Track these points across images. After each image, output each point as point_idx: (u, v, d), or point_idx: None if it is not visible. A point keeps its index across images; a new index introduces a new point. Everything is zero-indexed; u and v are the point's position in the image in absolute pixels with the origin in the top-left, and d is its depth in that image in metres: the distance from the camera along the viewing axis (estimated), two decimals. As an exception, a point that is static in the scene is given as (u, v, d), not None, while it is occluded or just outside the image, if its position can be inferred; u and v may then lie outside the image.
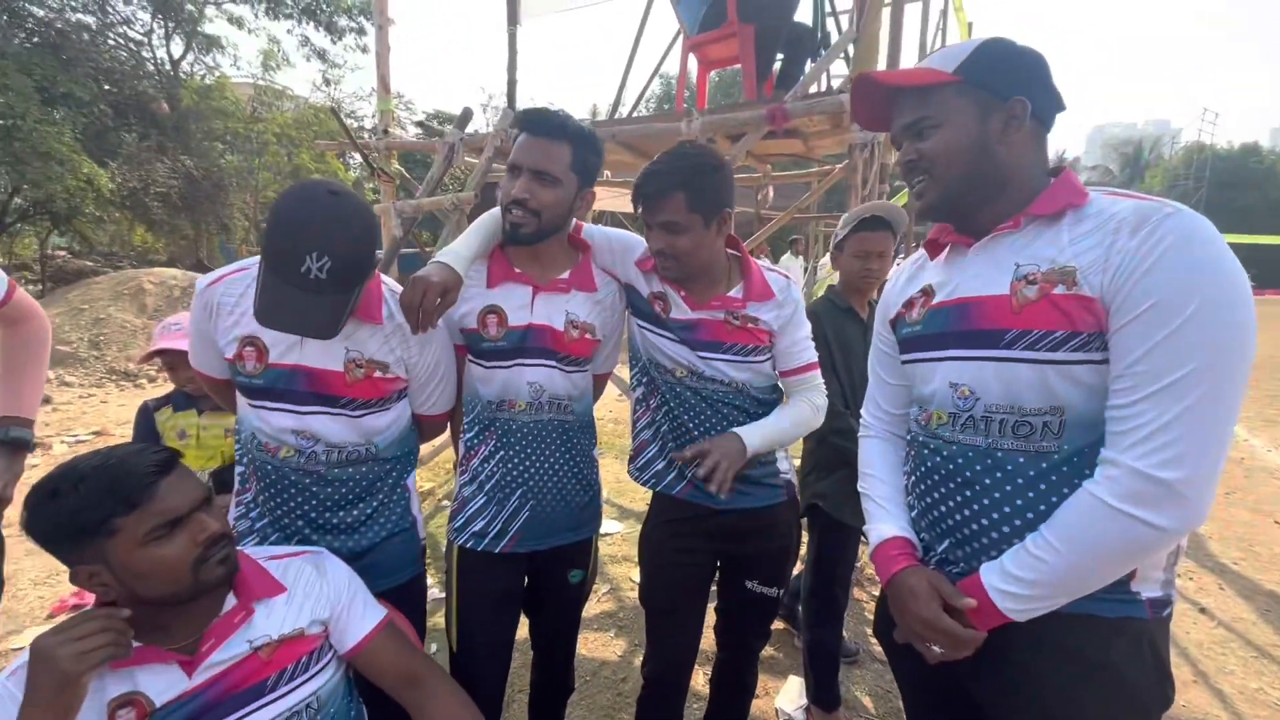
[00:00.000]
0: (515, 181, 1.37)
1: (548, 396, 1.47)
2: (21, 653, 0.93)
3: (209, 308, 1.29)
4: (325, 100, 18.27)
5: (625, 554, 3.40)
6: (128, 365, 7.65)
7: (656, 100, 23.06)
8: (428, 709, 1.21)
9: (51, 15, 13.03)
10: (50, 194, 11.72)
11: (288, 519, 1.34)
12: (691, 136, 3.17)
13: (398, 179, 4.13)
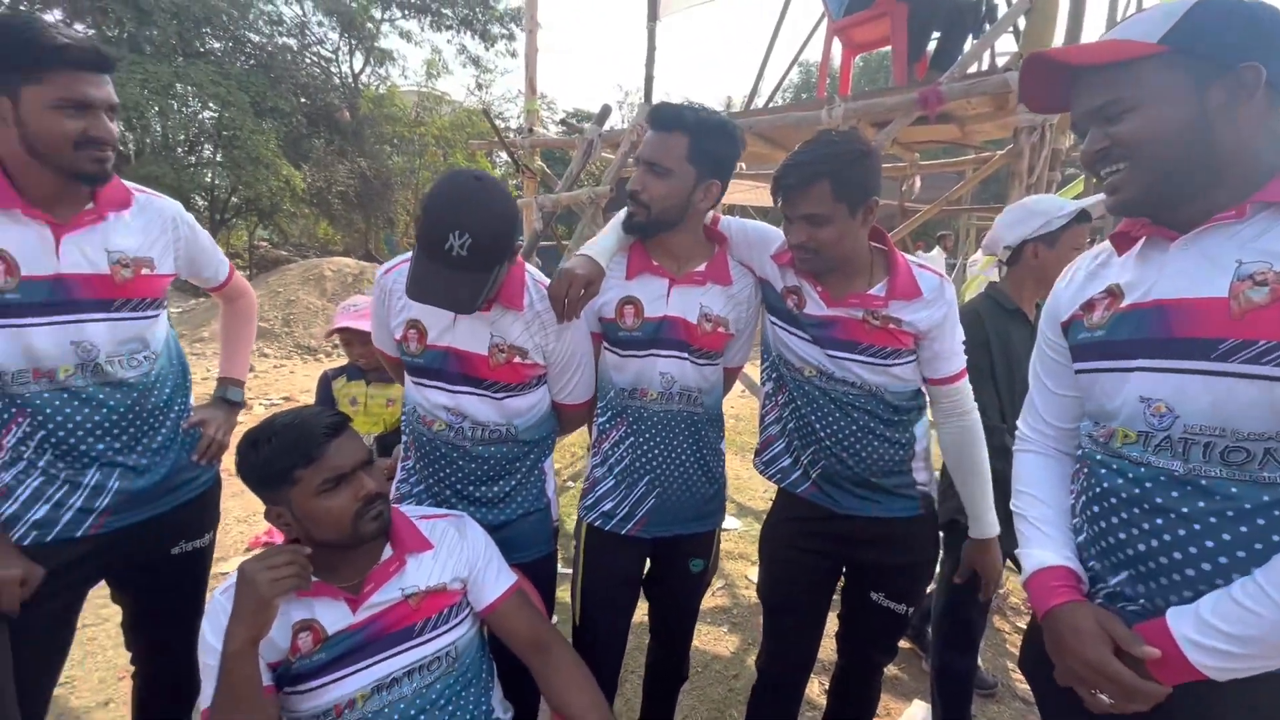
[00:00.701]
0: (636, 172, 1.42)
1: (678, 388, 1.48)
2: (227, 576, 1.11)
3: (384, 293, 1.44)
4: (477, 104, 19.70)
5: (742, 551, 3.37)
6: (311, 341, 8.82)
7: (794, 90, 22.33)
8: (551, 674, 1.28)
9: (264, 40, 15.26)
10: (258, 193, 13.79)
11: (438, 487, 1.47)
12: (833, 125, 3.03)
13: (539, 175, 4.36)
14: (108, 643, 2.40)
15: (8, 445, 1.21)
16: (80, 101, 1.16)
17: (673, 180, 1.39)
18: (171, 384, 1.43)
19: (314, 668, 1.11)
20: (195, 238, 1.50)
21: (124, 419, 1.32)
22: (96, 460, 1.29)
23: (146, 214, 1.38)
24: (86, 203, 1.27)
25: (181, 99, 12.94)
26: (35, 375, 1.21)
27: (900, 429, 1.43)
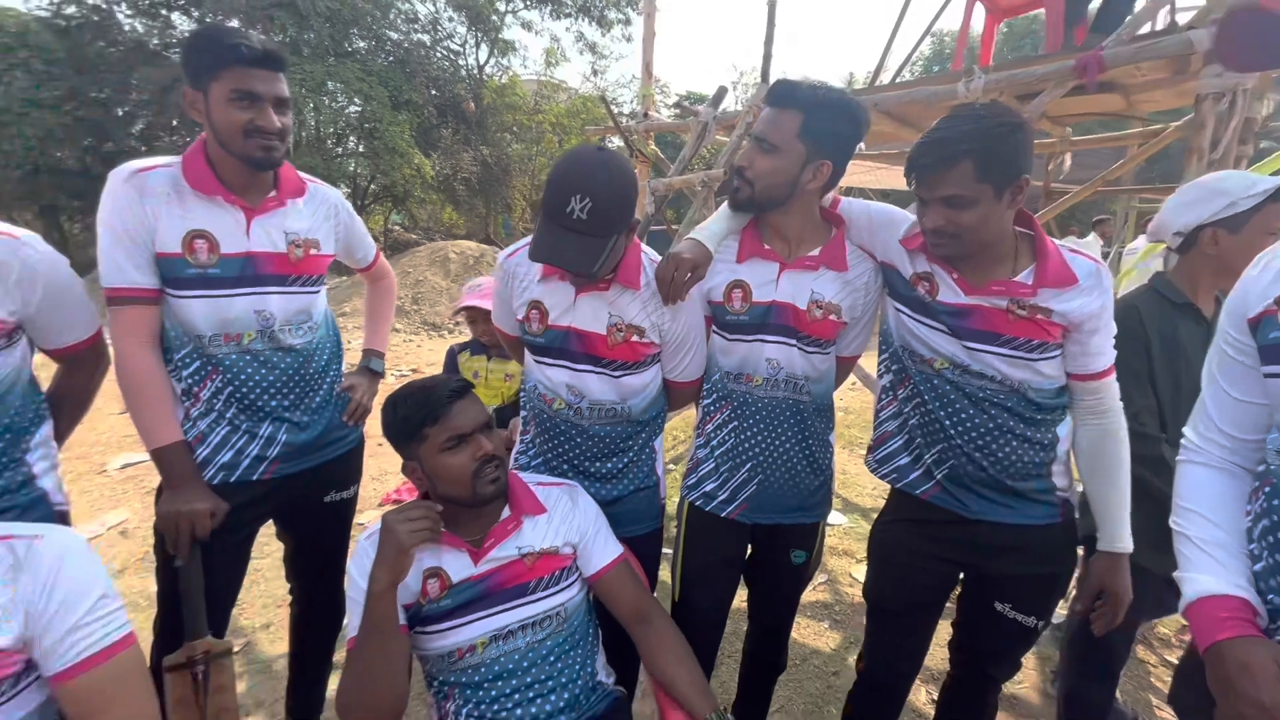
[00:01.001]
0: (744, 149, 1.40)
1: (785, 375, 1.45)
2: (365, 527, 1.24)
3: (507, 276, 1.52)
4: (592, 90, 20.09)
5: (847, 548, 3.25)
6: (436, 318, 9.50)
7: (925, 64, 20.75)
8: (653, 644, 1.32)
9: (401, 37, 16.41)
10: (393, 181, 14.95)
11: (555, 461, 1.55)
12: (971, 99, 2.79)
13: (652, 160, 4.39)
14: (271, 575, 2.76)
15: (204, 398, 1.42)
16: (248, 93, 1.32)
17: (779, 158, 1.35)
18: (328, 352, 1.60)
19: (440, 612, 1.22)
20: (352, 223, 1.68)
21: (292, 380, 1.50)
22: (270, 415, 1.48)
23: (315, 201, 1.55)
24: (270, 190, 1.45)
25: (331, 95, 14.25)
26: (226, 339, 1.41)
27: (1042, 429, 1.32)
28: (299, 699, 1.84)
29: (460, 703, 1.22)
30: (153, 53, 13.63)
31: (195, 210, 1.36)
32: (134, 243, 1.32)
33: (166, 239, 1.34)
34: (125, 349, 1.35)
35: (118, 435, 4.53)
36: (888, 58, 4.61)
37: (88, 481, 3.80)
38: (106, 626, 0.97)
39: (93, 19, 13.66)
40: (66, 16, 13.47)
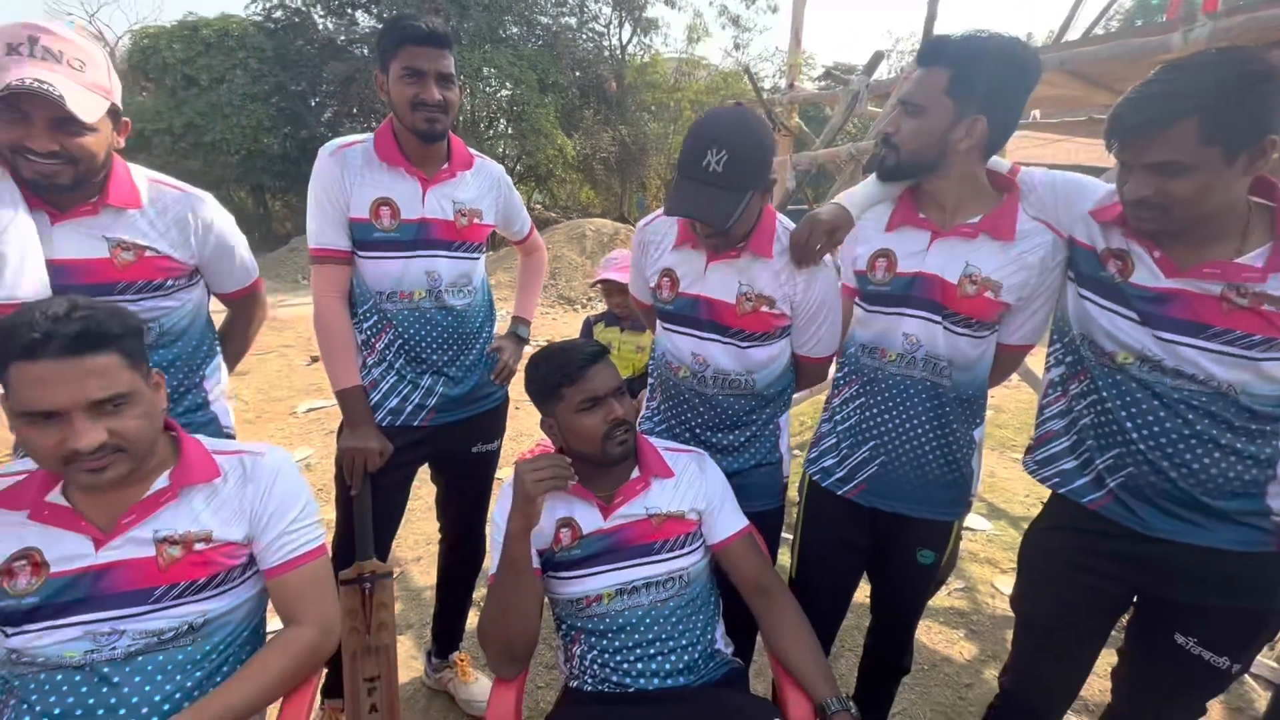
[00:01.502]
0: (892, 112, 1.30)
1: (924, 353, 1.34)
2: (504, 480, 1.33)
3: (643, 244, 1.56)
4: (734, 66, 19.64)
5: (990, 556, 2.99)
6: (571, 292, 9.94)
7: (1125, 19, 17.90)
8: (774, 619, 1.31)
9: (550, 21, 17.05)
10: (537, 161, 15.71)
11: (679, 429, 1.57)
12: (1189, 53, 2.36)
13: (796, 133, 4.22)
14: (423, 515, 3.08)
15: (378, 349, 1.60)
16: (414, 70, 1.43)
17: (925, 118, 1.24)
18: (482, 314, 1.74)
19: (571, 560, 1.29)
20: (511, 197, 1.79)
21: (451, 337, 1.64)
22: (431, 368, 1.63)
23: (481, 174, 1.68)
24: (443, 163, 1.59)
25: (486, 80, 15.21)
26: (401, 296, 1.57)
27: (1258, 440, 1.10)
28: (443, 626, 2.04)
29: (586, 648, 1.29)
30: (339, 48, 15.36)
31: (382, 180, 1.52)
32: (334, 209, 1.51)
33: (358, 205, 1.51)
34: (322, 302, 1.55)
35: (305, 384, 5.26)
36: (1079, 10, 4.03)
37: (281, 422, 4.46)
38: (308, 534, 1.17)
39: (294, 20, 15.63)
40: (275, 20, 15.53)
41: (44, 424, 0.93)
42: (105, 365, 0.96)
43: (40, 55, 1.11)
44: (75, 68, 1.14)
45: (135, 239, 1.27)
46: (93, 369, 0.94)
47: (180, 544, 1.06)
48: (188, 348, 1.41)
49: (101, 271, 1.24)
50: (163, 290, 1.33)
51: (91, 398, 0.94)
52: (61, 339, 0.92)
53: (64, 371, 0.92)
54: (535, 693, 2.03)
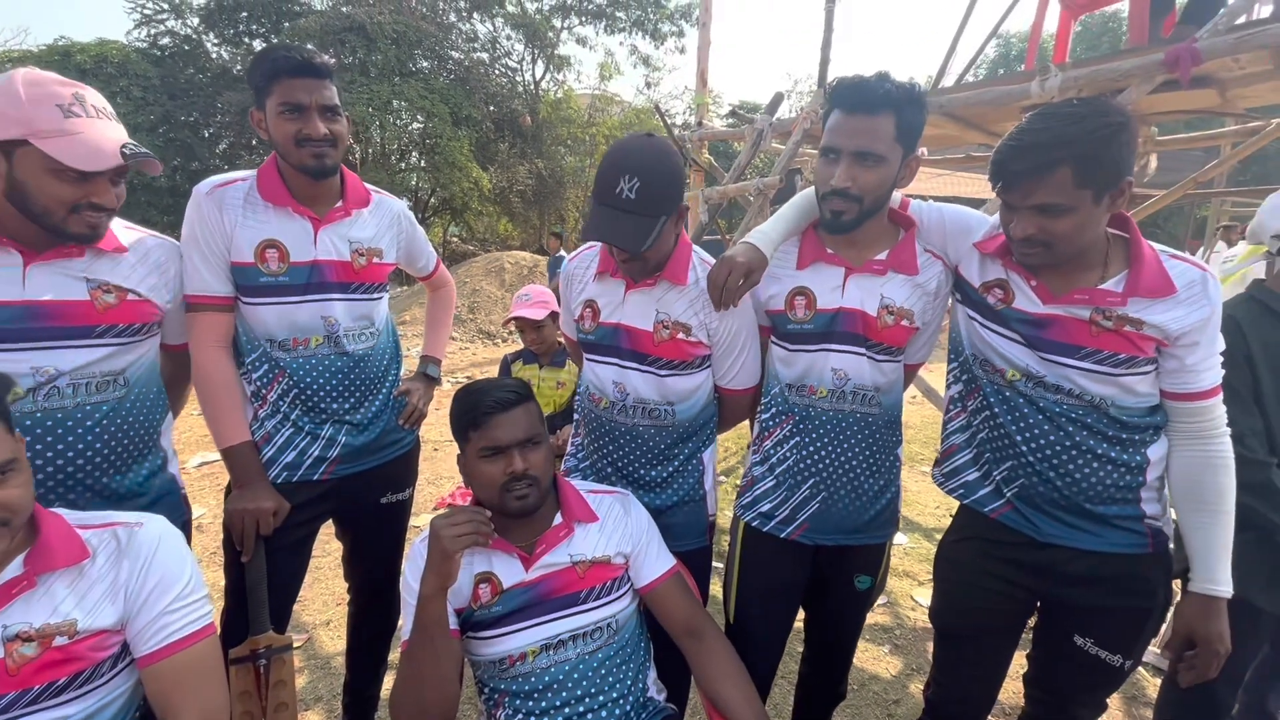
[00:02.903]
0: (833, 167, 1.29)
1: (852, 385, 1.39)
2: (420, 530, 1.25)
3: (568, 278, 1.54)
4: (646, 102, 20.27)
5: (908, 569, 3.10)
6: (490, 326, 9.72)
7: (989, 67, 20.01)
8: (705, 662, 1.28)
9: (463, 56, 17.01)
10: (452, 194, 15.46)
11: (602, 464, 1.54)
12: (1046, 99, 2.64)
13: (706, 169, 4.37)
14: (331, 573, 2.85)
15: (270, 400, 1.47)
16: (293, 104, 1.35)
17: (884, 167, 1.27)
18: (387, 357, 1.64)
19: (491, 618, 1.21)
20: (414, 233, 1.72)
21: (353, 384, 1.53)
22: (331, 417, 1.52)
23: (380, 211, 1.60)
24: (337, 200, 1.50)
25: (396, 113, 14.90)
26: (294, 344, 1.46)
27: (1129, 449, 1.21)
28: (355, 696, 1.87)
29: (510, 711, 1.21)
30: (235, 78, 14.62)
31: (268, 221, 1.42)
32: (212, 253, 1.39)
33: (241, 248, 1.40)
34: (202, 352, 1.42)
35: (196, 435, 4.80)
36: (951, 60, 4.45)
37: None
38: (193, 613, 1.04)
39: (184, 48, 14.77)
40: (161, 47, 14.61)
41: None
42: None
43: (95, 114, 1.15)
44: (116, 120, 1.19)
45: (119, 282, 1.25)
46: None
47: (35, 640, 0.91)
48: (146, 402, 1.32)
49: (81, 314, 1.20)
50: (138, 335, 1.29)
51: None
52: None
53: None
54: (460, 759, 1.89)
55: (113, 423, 1.24)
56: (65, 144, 1.10)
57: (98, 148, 1.12)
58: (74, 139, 1.10)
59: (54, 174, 1.11)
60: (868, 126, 1.25)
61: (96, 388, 1.22)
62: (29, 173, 1.10)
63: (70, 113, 1.12)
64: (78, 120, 1.12)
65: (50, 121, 1.10)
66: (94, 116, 1.15)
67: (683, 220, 1.39)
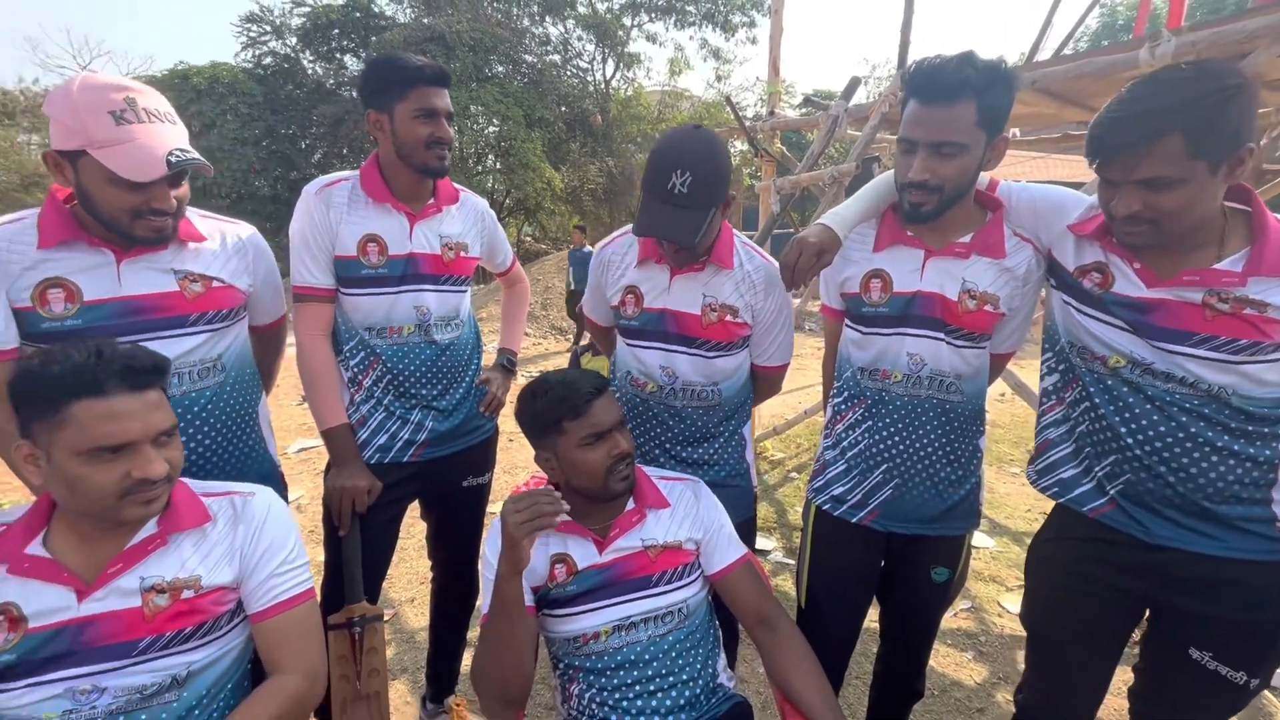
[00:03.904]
0: (910, 159, 1.24)
1: (929, 371, 1.34)
2: (495, 517, 1.29)
3: (602, 266, 1.58)
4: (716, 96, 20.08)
5: (995, 574, 2.94)
6: (562, 322, 9.95)
7: (1091, 39, 18.49)
8: (777, 652, 1.27)
9: (535, 59, 17.43)
10: (526, 194, 15.90)
11: (648, 446, 1.56)
12: (1157, 68, 2.42)
13: (778, 158, 4.28)
14: (414, 554, 3.01)
15: (366, 385, 1.58)
16: (430, 110, 1.46)
17: (965, 156, 1.21)
18: (470, 347, 1.72)
19: (566, 597, 1.25)
20: (495, 229, 1.80)
21: (440, 371, 1.62)
22: (420, 402, 1.61)
23: (466, 208, 1.68)
24: (430, 197, 1.59)
25: (473, 118, 15.45)
26: (389, 332, 1.55)
27: (1256, 443, 1.09)
28: (437, 669, 1.98)
29: (584, 686, 1.25)
30: (329, 91, 15.62)
31: (369, 217, 1.52)
32: (319, 248, 1.50)
33: (346, 242, 1.50)
34: (305, 340, 1.54)
35: (295, 423, 5.19)
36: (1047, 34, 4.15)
37: None
38: (296, 578, 1.13)
39: (283, 66, 15.91)
40: (264, 66, 15.81)
41: (110, 458, 0.94)
42: (159, 399, 1.01)
43: (147, 118, 1.15)
44: (174, 123, 1.21)
45: (202, 270, 1.30)
46: (153, 402, 0.99)
47: (167, 592, 1.02)
48: (243, 383, 1.41)
49: (174, 305, 1.26)
50: (228, 320, 1.35)
51: (158, 429, 0.98)
52: (125, 375, 0.95)
53: (134, 405, 0.96)
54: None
55: (216, 406, 1.34)
56: (118, 154, 1.11)
57: (149, 157, 1.13)
58: (126, 148, 1.12)
59: (112, 183, 1.13)
60: (945, 116, 1.19)
61: (199, 375, 1.31)
62: (91, 182, 1.14)
63: (123, 119, 1.12)
64: (130, 127, 1.13)
65: (104, 130, 1.11)
66: (146, 121, 1.14)
67: (730, 208, 1.42)
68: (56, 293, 1.18)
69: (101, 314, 1.20)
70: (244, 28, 15.85)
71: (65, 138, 1.13)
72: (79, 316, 1.19)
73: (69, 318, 1.19)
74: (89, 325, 1.19)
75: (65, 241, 1.18)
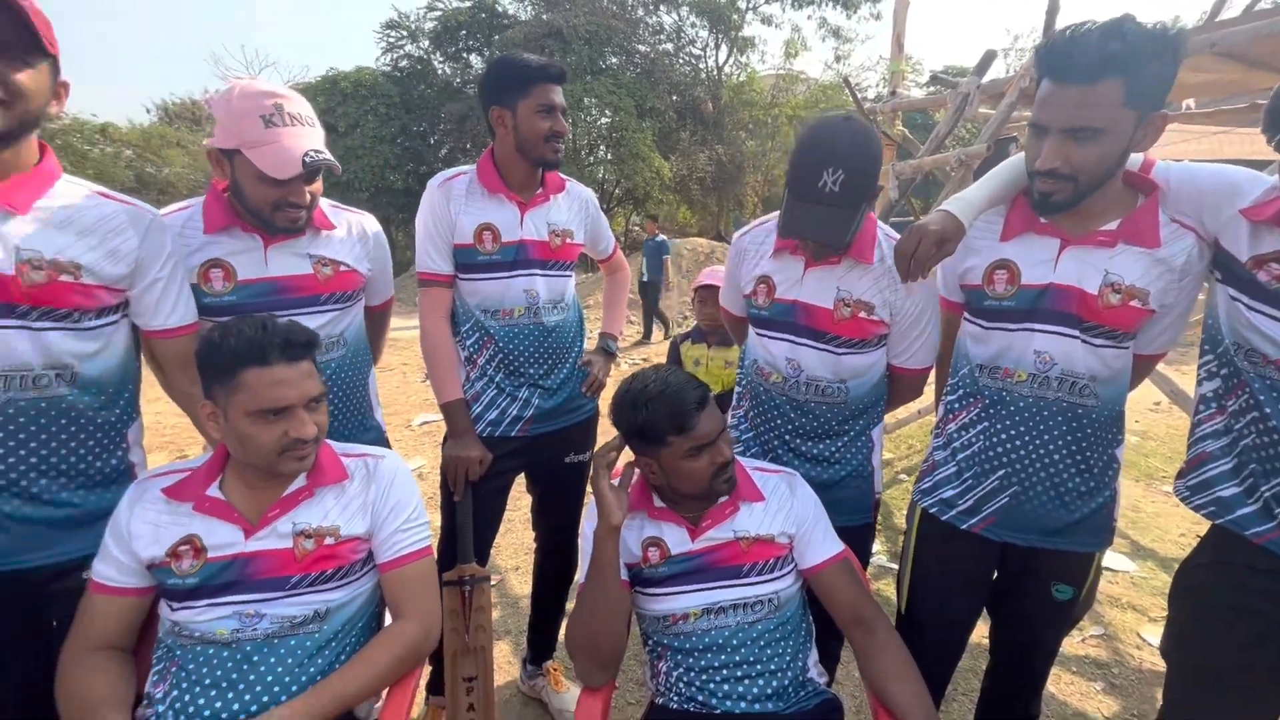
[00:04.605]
0: (1041, 143, 1.12)
1: (1059, 371, 1.22)
2: None
3: (739, 254, 1.56)
4: (834, 78, 19.20)
5: (1134, 601, 2.64)
6: (668, 312, 10.03)
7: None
8: (874, 654, 1.23)
9: (649, 49, 17.53)
10: (635, 184, 16.11)
11: (768, 437, 1.54)
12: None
13: (899, 141, 4.03)
14: (520, 526, 3.19)
15: (479, 364, 1.69)
16: (550, 105, 1.54)
17: (1106, 140, 1.07)
18: (574, 330, 1.79)
19: (658, 578, 1.28)
20: (599, 217, 1.87)
21: (546, 351, 1.71)
22: (527, 381, 1.70)
23: (572, 196, 1.76)
24: (539, 187, 1.68)
25: (587, 110, 15.86)
26: (502, 314, 1.66)
27: None
28: (537, 634, 2.09)
29: (672, 665, 1.28)
30: (456, 90, 16.65)
31: (485, 207, 1.62)
32: (440, 237, 1.62)
33: (463, 232, 1.61)
34: (429, 321, 1.67)
35: (419, 399, 5.65)
36: (1234, -14, 3.56)
37: (398, 433, 4.81)
38: (417, 534, 1.26)
39: (416, 68, 17.15)
40: (400, 68, 17.12)
41: (272, 419, 1.09)
42: (310, 369, 1.15)
43: (291, 122, 1.28)
44: (312, 125, 1.33)
45: (332, 255, 1.45)
46: (306, 372, 1.13)
47: (313, 537, 1.16)
48: (359, 357, 1.57)
49: (308, 286, 1.42)
50: (349, 301, 1.50)
51: (310, 395, 1.12)
52: (285, 348, 1.09)
53: (291, 374, 1.10)
54: (625, 708, 2.02)
55: (338, 376, 1.50)
56: (265, 153, 1.25)
57: (289, 157, 1.25)
58: (272, 148, 1.25)
59: (259, 179, 1.27)
60: (1082, 98, 1.05)
61: (326, 348, 1.45)
62: (243, 177, 1.29)
63: (271, 123, 1.25)
64: (276, 130, 1.26)
65: (254, 132, 1.25)
66: (289, 125, 1.27)
67: (876, 198, 1.34)
68: (217, 272, 1.36)
69: (251, 292, 1.38)
70: (384, 33, 17.26)
71: (224, 137, 1.28)
72: (234, 294, 1.37)
73: (226, 294, 1.36)
74: (241, 301, 1.37)
75: (225, 228, 1.35)
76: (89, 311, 1.15)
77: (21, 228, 1.08)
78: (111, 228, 1.17)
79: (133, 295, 1.23)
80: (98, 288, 1.15)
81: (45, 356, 1.11)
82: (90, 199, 1.18)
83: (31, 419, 1.11)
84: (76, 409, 1.16)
